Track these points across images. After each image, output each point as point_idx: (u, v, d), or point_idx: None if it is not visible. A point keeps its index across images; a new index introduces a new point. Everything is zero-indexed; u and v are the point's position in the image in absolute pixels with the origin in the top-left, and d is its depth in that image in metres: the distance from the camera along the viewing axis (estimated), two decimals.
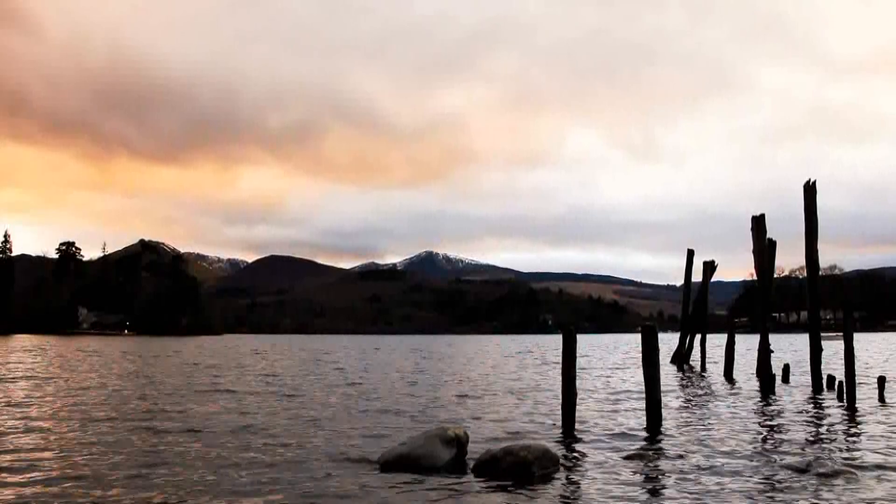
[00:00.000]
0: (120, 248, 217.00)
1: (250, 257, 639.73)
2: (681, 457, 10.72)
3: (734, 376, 26.83)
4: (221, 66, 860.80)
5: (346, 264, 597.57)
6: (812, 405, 17.95)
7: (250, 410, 16.50)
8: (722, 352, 31.01)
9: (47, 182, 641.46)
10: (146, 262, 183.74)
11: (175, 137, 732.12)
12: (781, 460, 10.46)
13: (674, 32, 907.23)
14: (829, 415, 15.99)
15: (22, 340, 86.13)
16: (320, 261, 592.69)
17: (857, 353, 18.53)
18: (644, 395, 14.34)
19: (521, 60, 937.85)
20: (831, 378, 21.06)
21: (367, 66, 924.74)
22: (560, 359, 13.86)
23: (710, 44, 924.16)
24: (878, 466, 10.03)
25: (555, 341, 69.63)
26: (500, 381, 26.30)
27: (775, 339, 30.03)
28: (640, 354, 14.03)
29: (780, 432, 13.35)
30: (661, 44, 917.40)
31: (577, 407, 14.25)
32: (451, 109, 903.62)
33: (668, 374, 28.60)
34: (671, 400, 18.51)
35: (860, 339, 25.89)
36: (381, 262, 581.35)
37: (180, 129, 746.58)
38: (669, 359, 36.48)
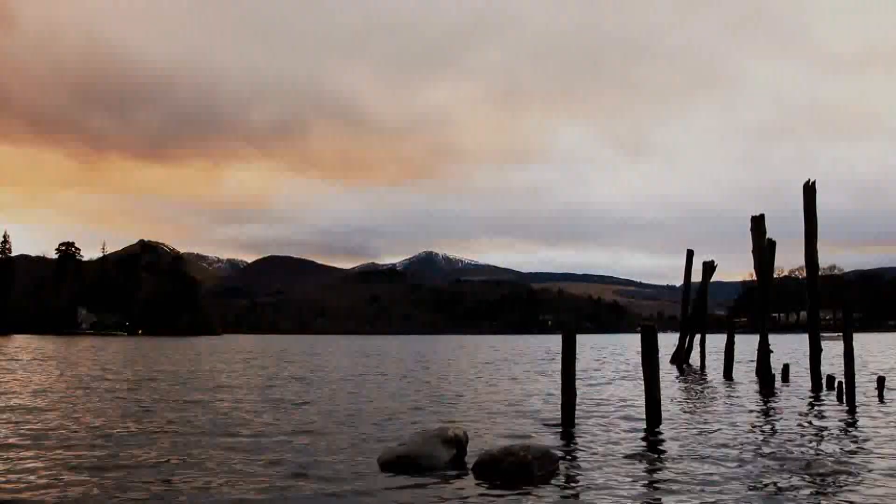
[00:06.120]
0: (119, 249, 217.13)
1: (250, 257, 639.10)
2: (681, 457, 10.72)
3: (734, 376, 26.83)
4: (200, 60, 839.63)
5: (343, 264, 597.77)
6: (811, 405, 17.95)
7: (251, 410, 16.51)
8: (722, 352, 31.01)
9: (35, 181, 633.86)
10: (145, 262, 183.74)
11: (160, 134, 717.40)
12: (781, 460, 10.46)
13: (663, 27, 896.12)
14: (829, 415, 15.99)
15: (22, 341, 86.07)
16: (318, 261, 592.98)
17: (855, 352, 18.51)
18: (644, 395, 14.34)
19: (508, 55, 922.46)
20: (831, 378, 21.06)
21: (349, 62, 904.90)
22: (560, 358, 13.87)
23: (700, 39, 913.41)
24: (878, 466, 10.04)
25: (554, 341, 69.59)
26: (500, 380, 26.27)
27: (775, 339, 30.06)
28: (640, 354, 14.04)
29: (780, 432, 13.35)
30: (650, 38, 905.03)
31: (577, 406, 14.27)
32: (437, 106, 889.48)
33: (668, 374, 28.59)
34: (671, 400, 18.51)
35: (859, 339, 25.84)
36: (378, 262, 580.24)
37: (164, 125, 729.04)
38: (669, 359, 36.46)
